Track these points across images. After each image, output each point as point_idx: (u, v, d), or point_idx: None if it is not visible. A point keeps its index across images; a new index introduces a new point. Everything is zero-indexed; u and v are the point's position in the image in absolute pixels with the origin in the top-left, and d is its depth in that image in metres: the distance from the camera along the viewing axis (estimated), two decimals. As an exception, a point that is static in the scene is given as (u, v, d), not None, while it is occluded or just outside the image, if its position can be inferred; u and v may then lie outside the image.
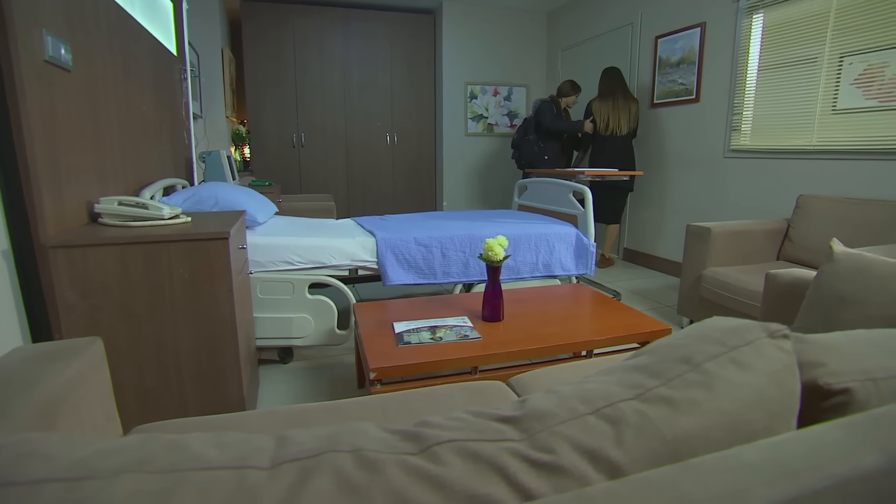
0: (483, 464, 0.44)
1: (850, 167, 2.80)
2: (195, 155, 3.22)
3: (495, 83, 5.34)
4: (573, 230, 2.77)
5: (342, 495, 0.39)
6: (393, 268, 2.43)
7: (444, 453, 0.44)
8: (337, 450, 0.44)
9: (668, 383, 0.53)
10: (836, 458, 0.44)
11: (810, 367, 0.63)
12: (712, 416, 0.49)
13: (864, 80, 2.76)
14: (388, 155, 5.37)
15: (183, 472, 0.41)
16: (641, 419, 0.49)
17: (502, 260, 1.90)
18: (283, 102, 4.97)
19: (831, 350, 0.65)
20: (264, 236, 2.36)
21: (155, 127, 2.53)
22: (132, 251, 1.55)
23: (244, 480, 0.41)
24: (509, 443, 0.47)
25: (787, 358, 0.57)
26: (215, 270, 1.64)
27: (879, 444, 0.46)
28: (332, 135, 5.16)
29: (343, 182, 5.26)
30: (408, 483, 0.41)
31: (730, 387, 0.52)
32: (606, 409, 0.50)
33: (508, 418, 0.51)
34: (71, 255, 1.50)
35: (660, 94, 4.09)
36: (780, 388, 0.54)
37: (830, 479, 0.42)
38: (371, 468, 0.42)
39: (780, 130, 3.20)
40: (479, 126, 5.36)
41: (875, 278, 1.42)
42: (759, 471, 0.42)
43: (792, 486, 0.41)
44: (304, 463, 0.43)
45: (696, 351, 0.57)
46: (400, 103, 5.32)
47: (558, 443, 0.46)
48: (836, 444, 0.46)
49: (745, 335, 0.58)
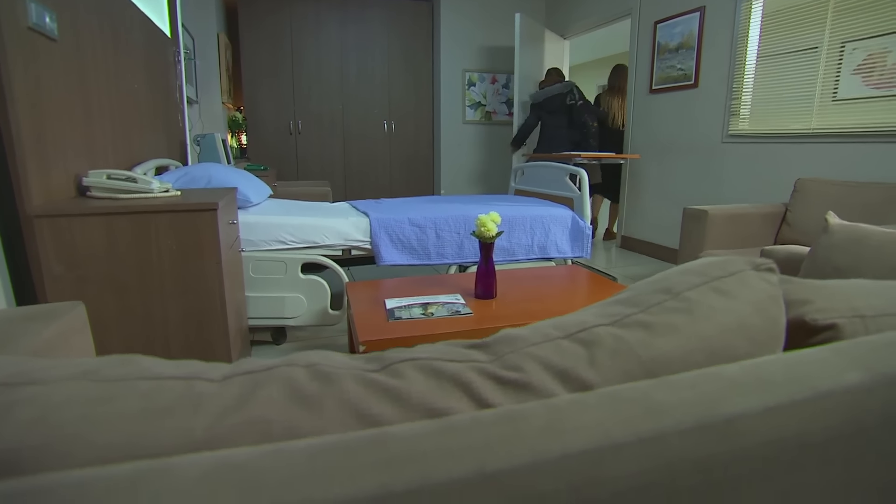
0: (445, 380, 0.42)
1: (849, 151, 2.77)
2: (189, 138, 3.19)
3: (493, 71, 5.31)
4: (569, 212, 2.75)
5: (291, 403, 0.38)
6: (386, 248, 2.41)
7: (405, 370, 0.42)
8: (292, 364, 0.42)
9: (646, 310, 0.51)
10: (819, 374, 0.42)
11: (797, 305, 0.61)
12: (691, 340, 0.47)
13: (865, 68, 2.73)
14: (386, 143, 5.34)
15: (129, 381, 0.39)
16: (617, 342, 0.47)
17: (495, 236, 1.87)
18: (279, 89, 4.94)
19: (819, 289, 0.63)
20: (256, 215, 2.34)
21: (147, 107, 2.51)
22: (119, 221, 1.53)
23: (192, 389, 0.39)
24: (476, 362, 0.45)
25: (773, 289, 0.55)
26: (203, 242, 1.62)
27: (864, 363, 0.44)
28: (328, 122, 5.13)
29: (340, 170, 5.23)
30: (363, 395, 0.39)
31: (710, 312, 0.50)
32: (581, 334, 0.48)
33: (479, 344, 0.49)
34: (56, 224, 1.48)
35: (658, 80, 4.06)
36: (764, 317, 0.52)
37: (810, 391, 0.40)
38: (325, 380, 0.40)
39: (778, 115, 3.17)
40: (476, 114, 5.33)
41: (870, 248, 1.40)
42: (736, 383, 0.40)
43: (769, 396, 0.39)
44: (255, 376, 0.41)
45: (677, 282, 0.55)
46: (397, 91, 5.29)
47: (527, 362, 0.44)
48: (820, 361, 0.44)
49: (728, 267, 0.56)
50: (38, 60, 1.48)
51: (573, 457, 0.31)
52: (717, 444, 0.35)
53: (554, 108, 4.27)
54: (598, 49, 6.73)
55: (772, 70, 3.18)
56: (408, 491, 0.27)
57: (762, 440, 0.37)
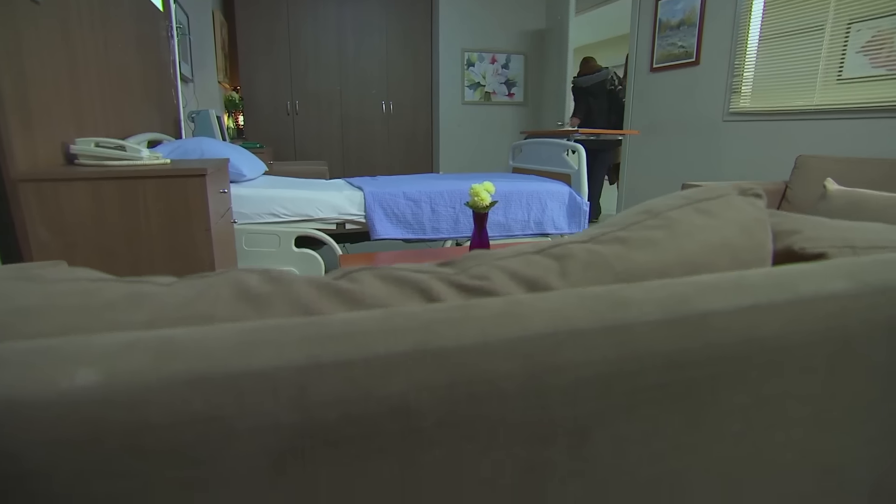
0: (406, 286, 0.40)
1: (853, 127, 2.73)
2: (183, 114, 3.16)
3: (493, 50, 5.24)
4: (566, 188, 2.72)
5: (239, 301, 0.35)
6: (381, 222, 2.39)
7: (364, 277, 0.40)
8: (249, 270, 0.40)
9: (625, 228, 0.48)
10: (803, 280, 0.40)
11: (785, 236, 0.59)
12: (670, 254, 0.45)
13: (871, 47, 2.67)
14: (384, 124, 5.29)
15: (71, 282, 0.37)
16: (591, 255, 0.44)
17: (489, 206, 1.85)
18: (276, 69, 4.88)
19: (808, 221, 0.61)
20: (250, 188, 2.31)
21: (139, 81, 2.47)
22: (106, 187, 1.51)
23: (137, 289, 0.37)
24: (441, 272, 0.42)
25: (759, 213, 0.53)
26: (192, 209, 1.60)
27: (852, 274, 0.42)
28: (326, 103, 5.09)
29: (338, 150, 5.19)
30: (315, 296, 0.37)
31: (692, 229, 0.47)
32: (554, 249, 0.46)
33: (448, 261, 0.47)
34: (42, 189, 1.46)
35: (659, 58, 4.00)
36: (749, 238, 0.50)
37: (791, 294, 0.38)
38: (278, 282, 0.38)
39: (781, 92, 3.12)
40: (476, 94, 5.27)
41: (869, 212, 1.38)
42: (712, 285, 0.38)
43: (747, 296, 0.37)
44: (208, 279, 0.39)
45: (660, 204, 0.52)
46: (396, 71, 5.23)
47: (494, 272, 0.42)
48: (805, 271, 0.42)
49: (713, 191, 0.54)
50: (17, 19, 1.45)
51: (529, 340, 0.29)
52: (690, 339, 0.33)
53: (598, 92, 4.60)
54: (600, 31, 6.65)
55: (775, 48, 3.13)
56: (337, 363, 0.25)
57: (738, 338, 0.35)
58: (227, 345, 0.26)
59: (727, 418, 0.36)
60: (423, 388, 0.26)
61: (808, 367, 0.38)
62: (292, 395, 0.25)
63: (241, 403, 0.24)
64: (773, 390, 0.37)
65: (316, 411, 0.25)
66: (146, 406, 0.23)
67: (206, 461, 0.24)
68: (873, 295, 0.40)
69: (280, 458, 0.25)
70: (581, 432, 0.31)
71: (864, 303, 0.40)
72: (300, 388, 0.25)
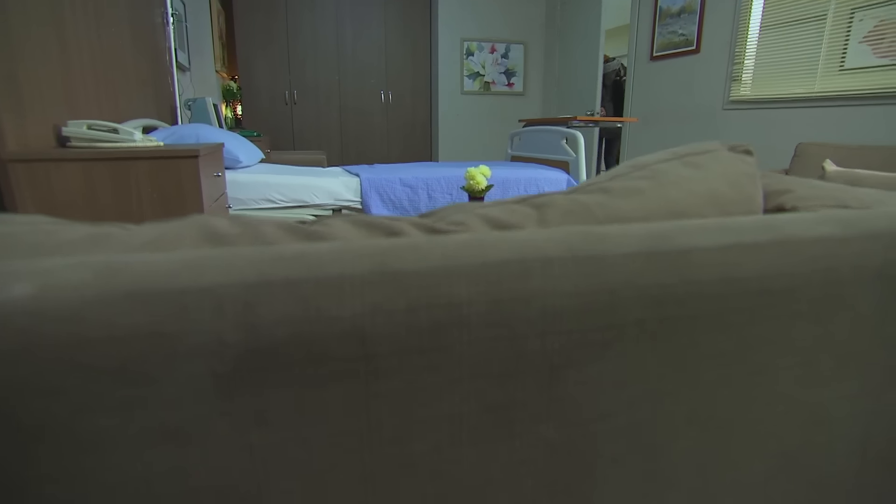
0: (377, 229, 0.38)
1: (854, 114, 2.70)
2: (179, 102, 3.14)
3: (493, 39, 5.21)
4: (564, 175, 2.70)
5: (203, 241, 0.34)
6: (377, 208, 2.37)
7: (335, 222, 0.39)
8: (216, 215, 0.39)
9: (610, 179, 0.47)
10: (790, 224, 0.38)
11: (776, 195, 0.57)
12: (655, 202, 0.44)
13: (874, 36, 2.63)
14: (383, 113, 5.26)
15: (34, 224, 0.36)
16: (572, 203, 0.43)
17: (485, 190, 1.83)
18: (274, 59, 4.85)
19: (801, 182, 0.59)
20: (246, 174, 2.30)
21: (133, 66, 2.45)
22: (97, 168, 1.49)
23: (100, 230, 0.35)
24: (417, 220, 0.41)
25: (749, 168, 0.51)
26: (185, 191, 1.59)
27: (841, 221, 0.41)
28: (325, 92, 5.06)
29: (337, 140, 5.17)
30: (281, 236, 0.36)
31: (678, 179, 0.46)
32: (536, 199, 0.44)
33: (429, 212, 0.45)
34: (32, 170, 1.45)
35: (659, 46, 3.97)
36: (738, 191, 0.48)
37: (777, 234, 0.36)
38: (245, 225, 0.37)
39: (781, 80, 3.09)
40: (475, 84, 5.24)
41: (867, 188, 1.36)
42: (695, 225, 0.36)
43: (731, 235, 0.35)
44: (174, 222, 0.37)
45: (647, 159, 0.51)
46: (395, 60, 5.19)
47: (471, 219, 0.41)
48: (794, 217, 0.40)
49: (702, 147, 0.52)
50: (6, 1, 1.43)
51: (494, 265, 0.27)
52: (668, 274, 0.32)
53: (608, 82, 4.81)
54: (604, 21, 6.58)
55: (776, 37, 3.10)
56: (287, 281, 0.24)
57: (719, 276, 0.33)
58: (173, 264, 0.25)
59: (708, 363, 0.35)
60: (379, 311, 0.25)
61: (793, 312, 0.37)
62: (238, 312, 0.23)
63: (185, 319, 0.23)
64: (756, 335, 0.36)
65: (263, 330, 0.24)
66: (82, 320, 0.22)
67: (147, 380, 0.23)
68: (864, 241, 0.39)
69: (226, 378, 0.23)
70: (551, 370, 0.29)
71: (853, 248, 0.38)
72: (246, 304, 0.23)
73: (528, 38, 5.35)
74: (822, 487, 0.45)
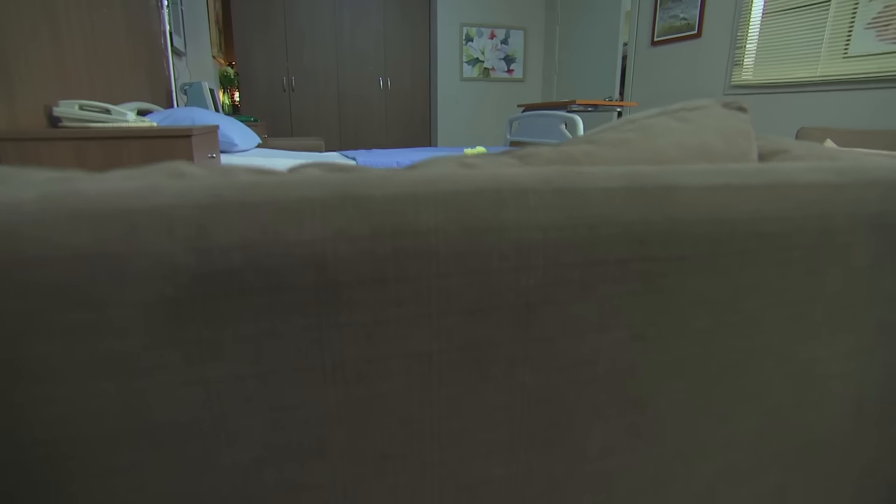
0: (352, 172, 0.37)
1: (857, 98, 2.67)
2: (175, 86, 3.11)
3: (492, 25, 5.15)
4: (563, 159, 2.67)
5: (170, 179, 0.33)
6: (374, 192, 2.35)
7: (310, 168, 0.38)
8: (191, 162, 0.37)
9: (598, 133, 0.45)
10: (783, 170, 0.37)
11: (771, 155, 0.56)
12: (643, 152, 0.42)
13: (880, 21, 2.59)
14: (382, 100, 5.22)
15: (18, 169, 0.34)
16: (557, 154, 0.41)
17: (482, 171, 1.81)
18: (272, 44, 4.81)
19: (797, 143, 0.58)
20: (242, 158, 2.28)
21: (127, 49, 2.43)
22: (89, 147, 1.48)
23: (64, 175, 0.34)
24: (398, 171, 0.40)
25: (742, 125, 0.50)
26: (177, 171, 1.57)
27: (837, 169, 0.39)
28: (323, 78, 5.02)
29: (335, 127, 5.14)
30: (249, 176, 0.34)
31: (667, 130, 0.44)
32: (522, 151, 0.43)
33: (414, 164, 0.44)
34: (22, 149, 1.43)
35: (660, 31, 3.93)
36: (731, 146, 0.47)
37: (769, 178, 0.35)
38: (218, 170, 0.35)
39: (783, 64, 3.06)
40: (474, 70, 5.20)
41: (869, 170, 1.34)
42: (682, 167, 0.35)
43: (719, 176, 0.34)
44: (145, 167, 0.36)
45: (637, 115, 0.49)
46: (393, 46, 5.15)
47: (451, 166, 0.39)
48: (788, 166, 0.39)
49: (694, 103, 0.51)
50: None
51: (466, 194, 0.26)
52: (652, 211, 0.30)
53: None
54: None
55: (779, 21, 3.06)
56: (243, 202, 0.23)
57: (707, 217, 0.32)
58: (123, 186, 0.23)
59: (696, 311, 0.34)
60: (341, 237, 0.24)
61: (785, 259, 0.35)
62: (191, 235, 0.22)
63: (134, 240, 0.22)
64: (747, 284, 0.35)
65: (217, 254, 0.22)
66: (20, 238, 0.21)
67: (93, 303, 0.22)
68: (861, 188, 0.37)
69: (177, 304, 0.22)
70: (527, 308, 0.28)
71: (849, 195, 0.37)
72: (200, 227, 0.22)
73: (528, 24, 5.30)
74: (814, 447, 0.44)
